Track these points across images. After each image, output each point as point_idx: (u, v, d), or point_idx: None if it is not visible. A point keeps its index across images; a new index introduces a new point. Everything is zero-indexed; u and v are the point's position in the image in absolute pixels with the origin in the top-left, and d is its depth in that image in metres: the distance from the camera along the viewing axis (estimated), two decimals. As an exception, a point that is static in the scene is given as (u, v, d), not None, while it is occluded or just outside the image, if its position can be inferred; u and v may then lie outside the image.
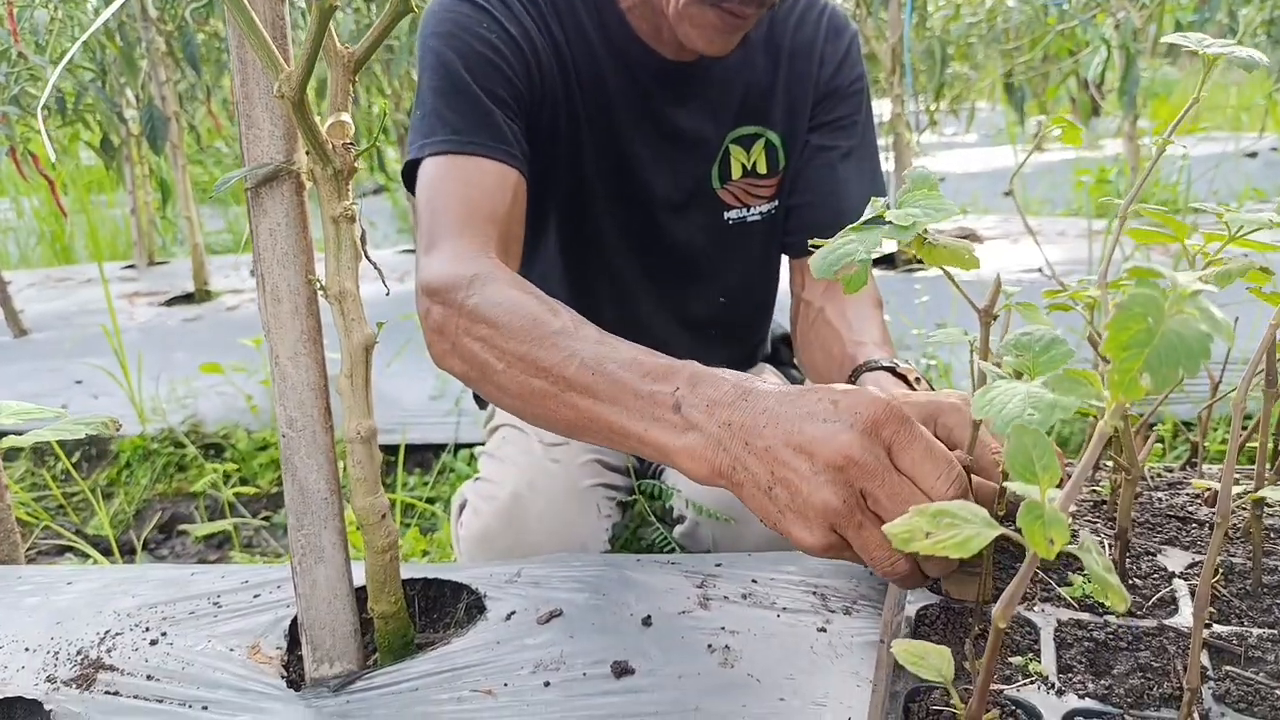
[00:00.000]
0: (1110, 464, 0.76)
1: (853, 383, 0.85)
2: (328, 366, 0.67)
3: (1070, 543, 0.37)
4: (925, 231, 0.55)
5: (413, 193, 0.92)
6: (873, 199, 0.52)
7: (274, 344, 0.65)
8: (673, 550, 1.10)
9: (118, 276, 3.07)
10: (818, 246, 0.54)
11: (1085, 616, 0.59)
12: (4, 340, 2.47)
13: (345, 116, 0.63)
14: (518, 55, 0.92)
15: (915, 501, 0.53)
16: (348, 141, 0.63)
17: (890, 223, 0.51)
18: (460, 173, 0.87)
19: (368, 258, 0.63)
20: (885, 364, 0.85)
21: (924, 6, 2.95)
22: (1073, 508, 0.63)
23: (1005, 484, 0.57)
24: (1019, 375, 0.52)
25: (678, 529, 1.11)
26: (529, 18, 0.95)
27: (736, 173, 1.06)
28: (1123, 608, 0.31)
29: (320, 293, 0.64)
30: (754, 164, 1.06)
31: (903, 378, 0.83)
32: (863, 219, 0.52)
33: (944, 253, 0.55)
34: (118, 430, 0.50)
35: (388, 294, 0.68)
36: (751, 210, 1.09)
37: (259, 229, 0.64)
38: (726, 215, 1.08)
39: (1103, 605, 0.60)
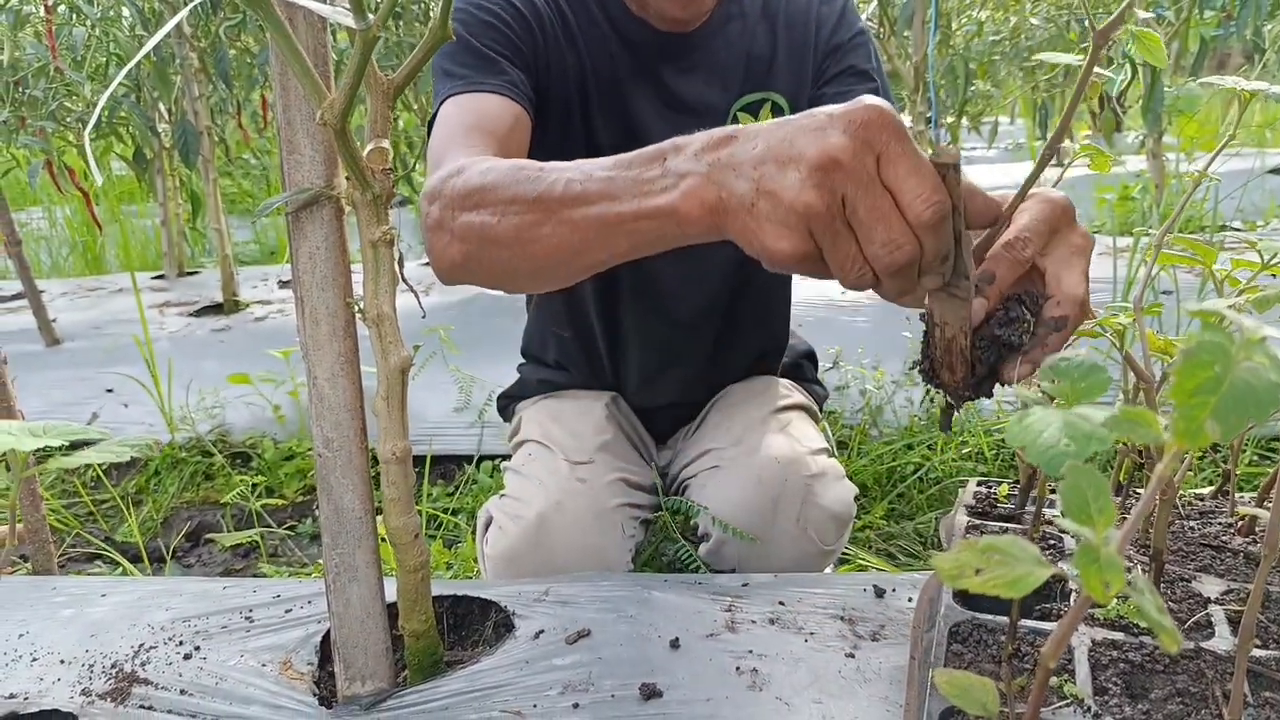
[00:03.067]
0: (1142, 487, 0.75)
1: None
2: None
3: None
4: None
5: None
6: None
7: (312, 365, 0.66)
8: (698, 568, 1.10)
9: (148, 286, 3.12)
10: None
11: (1120, 636, 0.59)
12: (37, 349, 2.51)
13: (385, 143, 0.64)
14: (523, 25, 0.99)
15: (892, 220, 0.52)
16: (386, 167, 0.64)
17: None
18: (466, 105, 0.92)
19: (405, 282, 0.64)
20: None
21: (947, 25, 2.95)
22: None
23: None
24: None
25: (703, 547, 1.11)
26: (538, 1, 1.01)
27: None
28: (1175, 649, 0.31)
29: (358, 315, 0.66)
30: None
31: None
32: None
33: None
34: (159, 453, 0.51)
35: (424, 316, 0.70)
36: None
37: (299, 252, 0.65)
38: None
39: (1137, 626, 0.60)
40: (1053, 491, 0.78)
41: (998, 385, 0.61)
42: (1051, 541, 0.74)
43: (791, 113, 1.08)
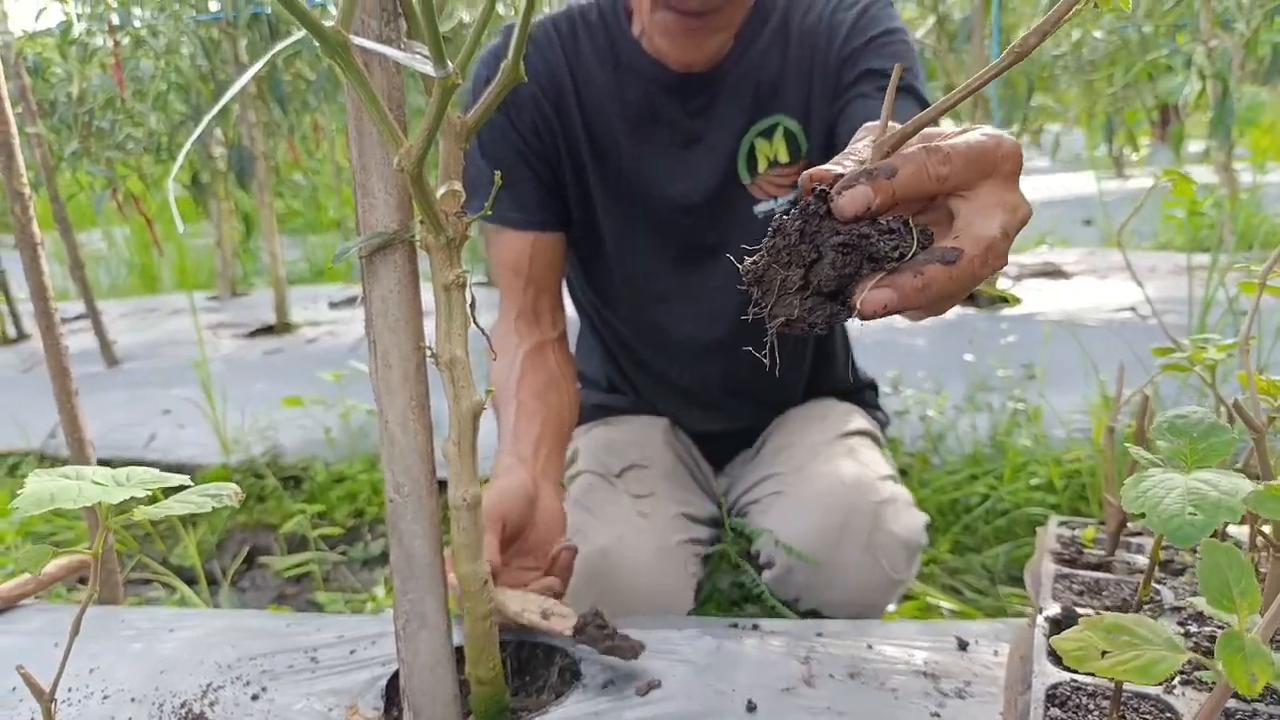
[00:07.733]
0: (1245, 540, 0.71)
1: None
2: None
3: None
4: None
5: None
6: None
7: (384, 409, 0.65)
8: (763, 596, 1.07)
9: (202, 307, 3.19)
10: None
11: (1230, 704, 0.55)
12: (98, 370, 2.58)
13: (457, 185, 0.63)
14: (519, 116, 1.04)
15: None
16: (459, 210, 0.63)
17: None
18: (497, 243, 1.09)
19: (478, 326, 0.63)
20: None
21: (1008, 38, 2.90)
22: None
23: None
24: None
25: (767, 574, 1.08)
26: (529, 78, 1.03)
27: (763, 166, 1.08)
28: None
29: (430, 359, 0.64)
30: (776, 154, 1.08)
31: None
32: None
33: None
34: (239, 503, 0.51)
35: (494, 359, 0.68)
36: (780, 201, 1.09)
37: (372, 296, 0.64)
38: (756, 209, 1.09)
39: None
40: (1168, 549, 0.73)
41: (839, 314, 0.48)
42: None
43: (805, 133, 1.08)
